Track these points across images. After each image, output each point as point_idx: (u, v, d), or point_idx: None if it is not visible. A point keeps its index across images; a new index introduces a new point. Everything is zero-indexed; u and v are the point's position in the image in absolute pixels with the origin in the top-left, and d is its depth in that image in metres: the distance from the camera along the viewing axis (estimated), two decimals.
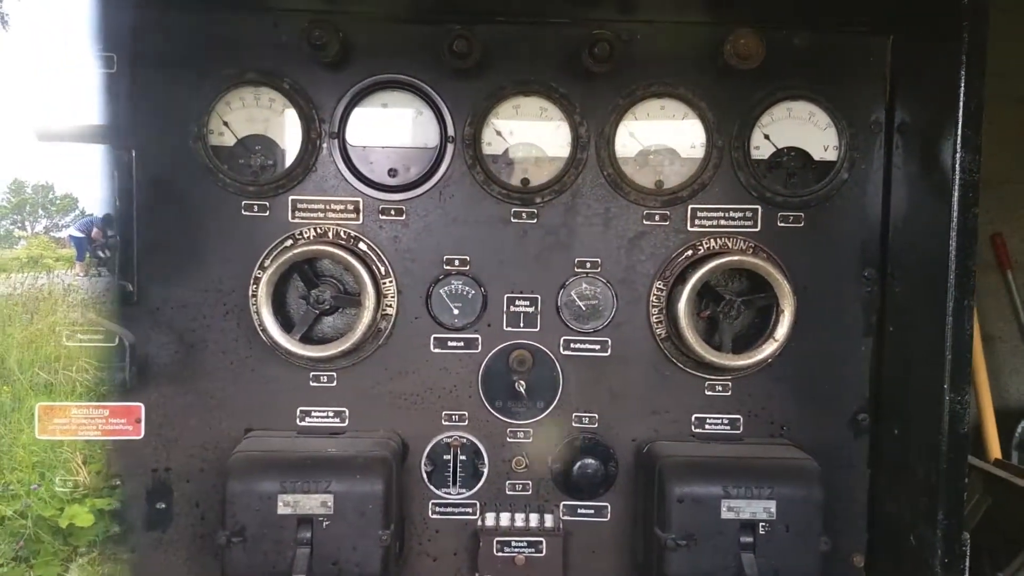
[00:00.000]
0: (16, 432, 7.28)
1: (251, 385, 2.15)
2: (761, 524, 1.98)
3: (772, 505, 1.98)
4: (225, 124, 2.11)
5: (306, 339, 2.12)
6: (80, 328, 2.07)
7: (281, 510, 1.94)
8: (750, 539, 1.98)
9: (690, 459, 2.04)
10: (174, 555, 2.16)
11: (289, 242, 2.13)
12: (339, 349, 2.07)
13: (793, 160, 2.19)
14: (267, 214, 2.13)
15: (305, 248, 2.06)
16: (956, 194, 1.86)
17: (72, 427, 2.11)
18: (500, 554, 2.13)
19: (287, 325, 2.12)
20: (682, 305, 2.07)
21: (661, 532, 1.99)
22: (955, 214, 1.87)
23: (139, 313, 2.11)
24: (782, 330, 2.10)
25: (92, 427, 2.12)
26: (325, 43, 2.00)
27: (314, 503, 1.94)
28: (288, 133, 2.14)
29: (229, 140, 2.13)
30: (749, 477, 2.00)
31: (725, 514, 1.98)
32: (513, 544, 2.13)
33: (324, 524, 1.94)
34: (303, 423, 2.17)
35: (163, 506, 2.14)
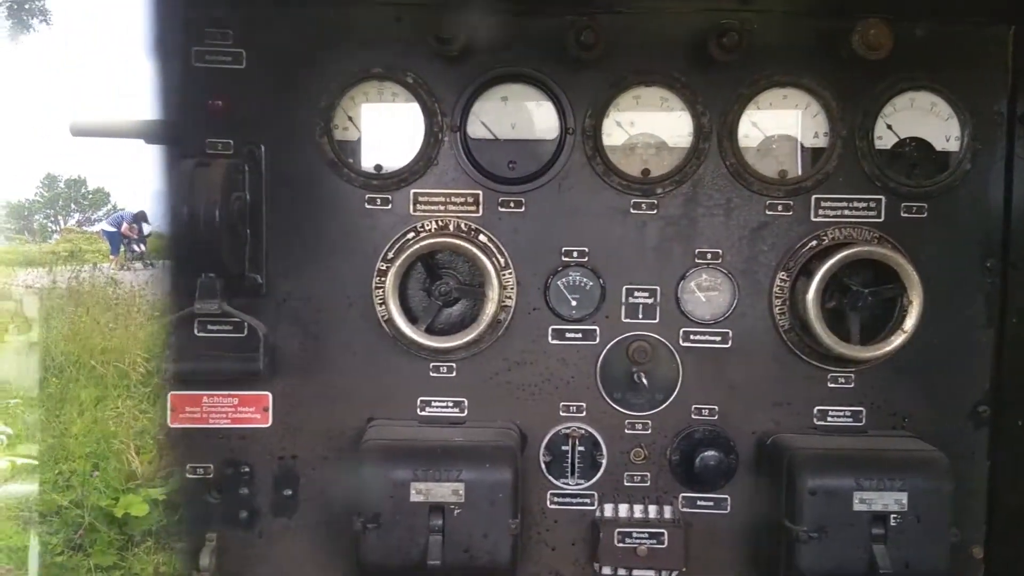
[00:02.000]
0: (67, 423, 7.46)
1: (373, 375, 2.19)
2: (892, 516, 1.97)
3: (904, 497, 1.97)
4: (349, 119, 2.15)
5: (428, 330, 2.15)
6: (211, 319, 2.11)
7: (414, 497, 1.97)
8: (881, 531, 1.97)
9: (822, 451, 2.03)
10: (300, 541, 2.20)
11: (411, 235, 2.16)
12: (463, 340, 2.10)
13: (915, 150, 2.17)
14: (389, 207, 2.16)
15: (433, 240, 2.08)
16: None
17: (203, 415, 2.17)
18: (621, 545, 2.14)
19: (408, 316, 2.14)
20: (810, 296, 2.06)
21: (792, 524, 1.98)
22: None
23: (267, 305, 2.15)
24: (910, 321, 2.07)
25: (222, 415, 2.17)
26: (453, 37, 2.02)
27: (446, 491, 1.97)
28: (410, 127, 2.16)
29: (353, 135, 2.16)
30: (881, 469, 1.99)
31: (857, 506, 1.97)
32: (635, 535, 2.14)
33: (455, 512, 1.97)
34: (423, 413, 2.20)
35: (290, 493, 2.18)
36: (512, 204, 2.17)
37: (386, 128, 2.18)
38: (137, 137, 2.23)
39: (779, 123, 2.16)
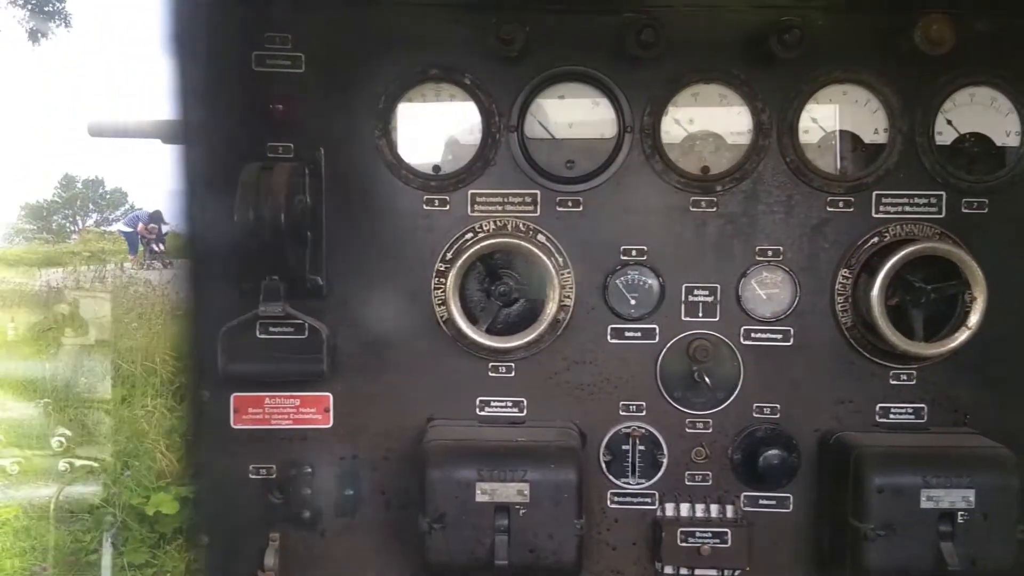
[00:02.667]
0: (96, 422, 7.53)
1: (432, 375, 2.19)
2: (960, 513, 1.96)
3: (971, 494, 1.96)
4: (410, 123, 2.15)
5: (486, 330, 2.14)
6: (273, 321, 2.12)
7: (479, 497, 1.97)
8: (949, 528, 1.96)
9: (889, 449, 2.02)
10: (362, 540, 2.21)
11: (469, 235, 2.16)
12: (524, 340, 2.10)
13: (975, 146, 2.16)
14: (447, 208, 2.17)
15: (496, 240, 2.08)
16: None
17: (265, 416, 2.18)
18: (684, 544, 2.13)
19: (468, 317, 2.15)
20: (875, 294, 2.04)
21: (858, 522, 1.97)
22: None
23: (327, 306, 2.16)
24: (975, 317, 2.06)
25: (284, 416, 2.18)
26: (513, 38, 2.02)
27: (511, 491, 1.97)
28: (467, 127, 2.16)
29: (413, 136, 2.16)
30: (948, 466, 1.98)
31: (924, 503, 1.96)
32: (698, 535, 2.14)
33: (520, 512, 1.97)
34: (482, 412, 2.20)
35: (351, 492, 2.19)
36: (570, 203, 2.16)
37: (428, 128, 2.19)
38: (154, 137, 2.24)
39: (838, 119, 2.14)
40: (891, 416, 2.17)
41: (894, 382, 2.17)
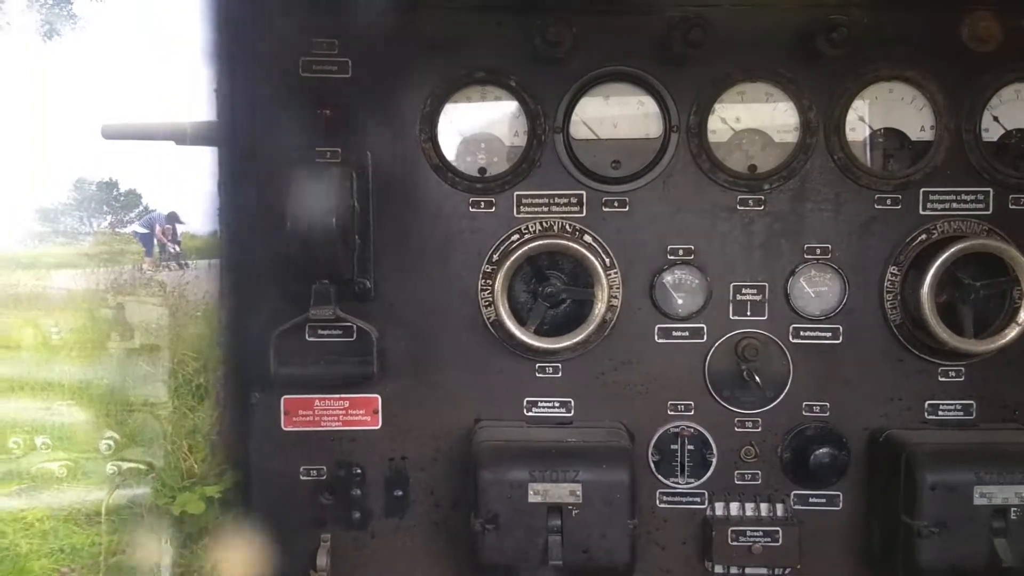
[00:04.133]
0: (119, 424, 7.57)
1: (479, 377, 2.20)
2: (1013, 509, 1.96)
3: None
4: (449, 123, 2.16)
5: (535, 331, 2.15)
6: (322, 324, 2.13)
7: (532, 498, 1.98)
8: (1002, 524, 1.96)
9: (941, 446, 2.02)
10: (411, 540, 2.22)
11: (515, 237, 2.17)
12: (572, 341, 2.10)
13: (1022, 142, 2.15)
14: (493, 210, 2.17)
15: (545, 241, 2.09)
16: None
17: (315, 419, 2.19)
18: (735, 543, 2.14)
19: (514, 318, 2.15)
20: (924, 291, 2.04)
21: (911, 520, 1.97)
22: None
23: (374, 308, 2.17)
24: None
25: (334, 418, 2.20)
26: (561, 40, 2.02)
27: (563, 492, 1.98)
28: (511, 129, 2.17)
29: (456, 139, 2.17)
30: (1000, 462, 1.98)
31: (977, 500, 1.96)
32: (748, 533, 2.14)
33: (573, 512, 1.98)
34: (530, 413, 2.21)
35: (400, 493, 2.20)
36: (616, 204, 2.17)
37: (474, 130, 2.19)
38: (168, 139, 2.25)
39: (884, 117, 2.14)
40: (940, 413, 2.17)
41: (943, 379, 2.16)
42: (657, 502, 2.21)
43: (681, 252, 2.17)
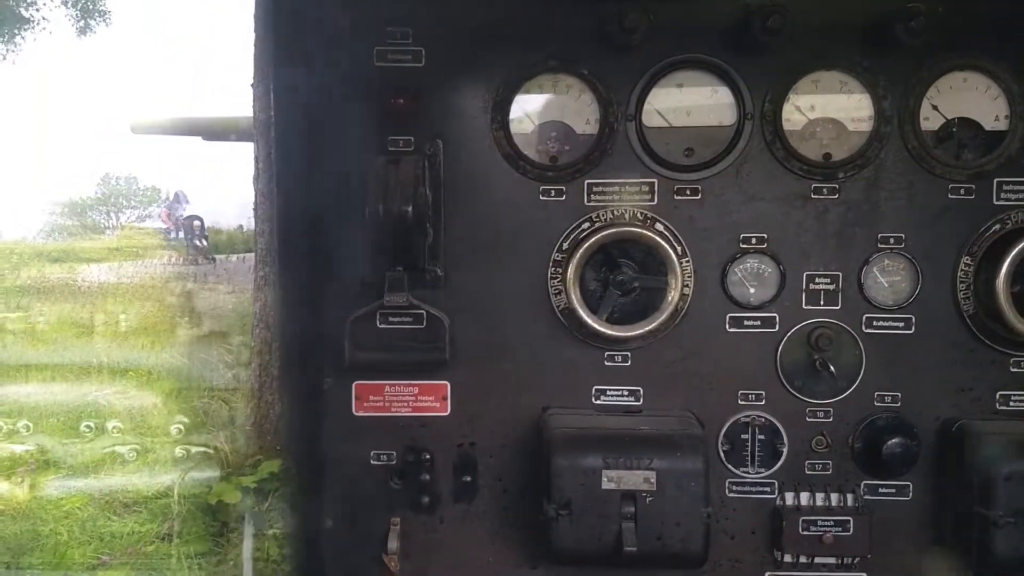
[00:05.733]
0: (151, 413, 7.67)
1: (548, 364, 2.21)
2: None
3: None
4: (525, 113, 2.16)
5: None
6: (393, 311, 2.15)
7: (605, 485, 1.98)
8: None
9: (1015, 436, 2.01)
10: (479, 526, 2.24)
11: (586, 225, 2.17)
12: (644, 329, 2.10)
13: None
14: (563, 198, 2.18)
15: (617, 229, 2.09)
16: None
17: (385, 404, 2.21)
18: (806, 533, 2.13)
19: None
20: (1000, 282, 2.03)
21: (985, 510, 1.96)
22: None
23: (445, 296, 2.18)
24: None
25: (403, 404, 2.21)
26: (637, 26, 2.02)
27: (637, 479, 1.98)
28: (583, 117, 2.17)
29: (527, 127, 2.18)
30: None
31: None
32: (819, 523, 2.13)
33: (647, 500, 1.98)
34: (598, 401, 2.21)
35: (469, 479, 2.22)
36: (688, 192, 2.16)
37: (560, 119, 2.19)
38: (195, 135, 2.27)
39: (958, 106, 2.12)
40: (1012, 403, 2.15)
41: (1015, 369, 2.15)
42: (726, 491, 2.21)
43: (754, 241, 2.16)
